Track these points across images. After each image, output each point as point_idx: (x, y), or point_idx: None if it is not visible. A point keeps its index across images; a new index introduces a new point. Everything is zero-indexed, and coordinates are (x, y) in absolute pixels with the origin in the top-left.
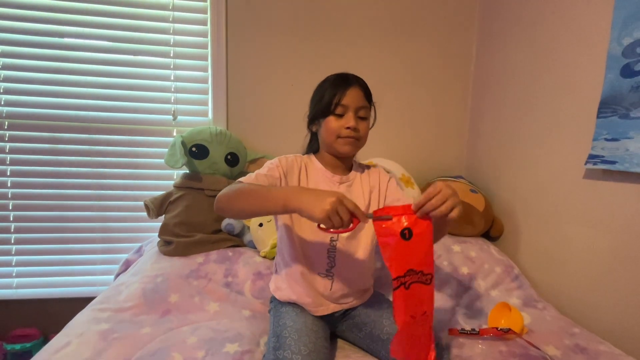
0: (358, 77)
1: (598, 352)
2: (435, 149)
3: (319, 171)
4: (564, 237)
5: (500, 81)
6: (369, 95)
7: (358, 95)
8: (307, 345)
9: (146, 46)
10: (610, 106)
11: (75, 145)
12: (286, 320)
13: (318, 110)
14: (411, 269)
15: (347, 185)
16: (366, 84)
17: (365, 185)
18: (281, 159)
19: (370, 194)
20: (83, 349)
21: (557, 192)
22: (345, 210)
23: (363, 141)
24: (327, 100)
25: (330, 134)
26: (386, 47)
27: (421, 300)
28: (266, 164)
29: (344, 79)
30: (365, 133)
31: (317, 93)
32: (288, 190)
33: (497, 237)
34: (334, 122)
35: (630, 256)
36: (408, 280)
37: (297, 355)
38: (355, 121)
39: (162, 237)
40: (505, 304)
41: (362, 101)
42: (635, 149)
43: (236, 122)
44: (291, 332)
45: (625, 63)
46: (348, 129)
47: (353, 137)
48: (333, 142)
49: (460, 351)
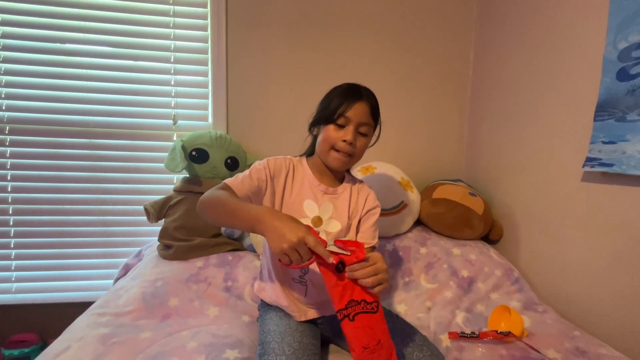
0: (370, 93)
1: (599, 355)
2: (434, 152)
3: (306, 177)
4: (563, 240)
5: (498, 85)
6: (375, 113)
7: (364, 110)
8: (292, 345)
9: (147, 51)
10: (606, 109)
11: (75, 150)
12: (270, 326)
13: (321, 116)
14: (352, 299)
15: (333, 198)
16: (376, 101)
17: (352, 202)
18: (270, 160)
19: (352, 214)
20: (82, 353)
21: (556, 195)
22: (305, 250)
23: (357, 158)
24: (332, 109)
25: (325, 143)
26: (385, 51)
27: (372, 329)
28: (254, 164)
29: (355, 91)
30: (362, 150)
31: (326, 99)
32: (260, 212)
33: (496, 241)
34: (332, 132)
35: (629, 258)
36: (351, 312)
37: (280, 356)
38: (353, 136)
39: (161, 241)
40: (506, 306)
41: (366, 117)
42: (632, 151)
43: (236, 126)
44: (274, 336)
45: (621, 67)
46: (344, 142)
47: (347, 153)
48: (326, 152)
49: (460, 354)
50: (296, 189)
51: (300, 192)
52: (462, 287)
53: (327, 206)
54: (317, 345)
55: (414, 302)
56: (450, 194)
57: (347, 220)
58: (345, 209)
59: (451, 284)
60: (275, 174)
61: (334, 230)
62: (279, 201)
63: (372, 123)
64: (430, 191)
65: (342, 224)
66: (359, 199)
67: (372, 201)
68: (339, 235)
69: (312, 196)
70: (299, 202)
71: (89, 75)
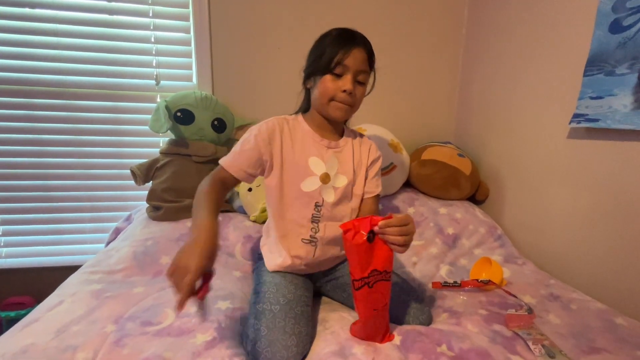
0: (364, 38)
1: (570, 299)
2: (424, 114)
3: (307, 134)
4: (546, 197)
5: (491, 45)
6: (371, 59)
7: (361, 57)
8: (286, 296)
9: (122, 4)
10: (597, 64)
11: (52, 112)
12: (266, 277)
13: (317, 66)
14: (375, 269)
15: (336, 152)
16: (371, 46)
17: (356, 155)
18: (261, 126)
19: (357, 166)
20: (76, 306)
21: (541, 153)
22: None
23: (356, 107)
24: (328, 58)
25: (324, 95)
26: (376, 10)
27: (383, 295)
28: (246, 134)
29: (350, 36)
30: (361, 99)
31: (317, 47)
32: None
33: (482, 201)
34: (330, 83)
35: (606, 212)
36: (372, 280)
37: (275, 305)
38: (352, 85)
39: (150, 203)
40: (487, 258)
41: (364, 64)
42: (618, 105)
43: (222, 87)
44: (270, 286)
45: (615, 18)
46: (344, 93)
47: (347, 103)
48: (325, 104)
49: (443, 302)
50: (297, 147)
51: (303, 150)
52: (447, 243)
53: (332, 161)
54: (310, 297)
55: (400, 257)
56: (438, 155)
57: (352, 174)
58: (349, 162)
59: (437, 240)
60: (270, 137)
61: (341, 185)
62: (279, 163)
63: (369, 70)
64: (419, 153)
65: (348, 178)
66: (362, 150)
67: (374, 152)
68: (346, 189)
69: (317, 152)
70: (304, 160)
71: (60, 31)
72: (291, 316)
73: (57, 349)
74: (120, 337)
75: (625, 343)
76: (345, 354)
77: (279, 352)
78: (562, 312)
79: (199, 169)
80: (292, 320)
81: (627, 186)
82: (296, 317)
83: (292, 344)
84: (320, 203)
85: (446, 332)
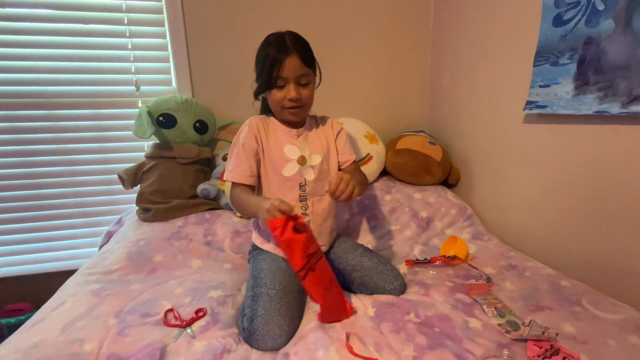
0: (296, 41)
1: (525, 267)
2: (398, 105)
3: (277, 127)
4: (507, 178)
5: (457, 36)
6: (309, 60)
7: (296, 64)
8: (281, 283)
9: (97, 13)
10: (544, 55)
11: (36, 122)
12: (263, 264)
13: (261, 84)
14: (309, 253)
15: (304, 137)
16: (306, 45)
17: (321, 134)
18: (251, 123)
19: (325, 142)
20: (78, 305)
21: (502, 137)
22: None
23: (309, 105)
24: (267, 74)
25: (275, 105)
26: (346, 6)
27: (326, 271)
28: (241, 135)
29: (280, 47)
30: (309, 98)
31: (258, 60)
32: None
33: (454, 184)
34: (276, 94)
35: (556, 189)
36: (312, 263)
37: (272, 290)
38: (296, 91)
39: (140, 206)
40: (454, 237)
41: (301, 69)
42: (562, 92)
43: (201, 89)
44: (267, 273)
45: (557, 13)
46: (290, 101)
47: (296, 106)
48: (280, 112)
49: (415, 277)
50: (272, 140)
51: (277, 141)
52: (420, 226)
53: (303, 145)
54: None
55: (378, 242)
56: (411, 144)
57: (323, 150)
58: (318, 142)
59: (411, 224)
60: (255, 135)
61: (317, 163)
62: (261, 156)
63: (309, 71)
64: (394, 143)
65: (321, 155)
66: (326, 128)
67: (336, 125)
68: (323, 165)
69: (289, 141)
70: (280, 150)
71: (35, 42)
72: (285, 300)
73: (65, 342)
74: (123, 328)
75: (566, 301)
76: (325, 327)
77: (273, 330)
78: (517, 279)
79: (184, 170)
80: (286, 304)
81: (571, 166)
82: (289, 301)
83: (284, 324)
84: (304, 183)
85: (415, 302)
